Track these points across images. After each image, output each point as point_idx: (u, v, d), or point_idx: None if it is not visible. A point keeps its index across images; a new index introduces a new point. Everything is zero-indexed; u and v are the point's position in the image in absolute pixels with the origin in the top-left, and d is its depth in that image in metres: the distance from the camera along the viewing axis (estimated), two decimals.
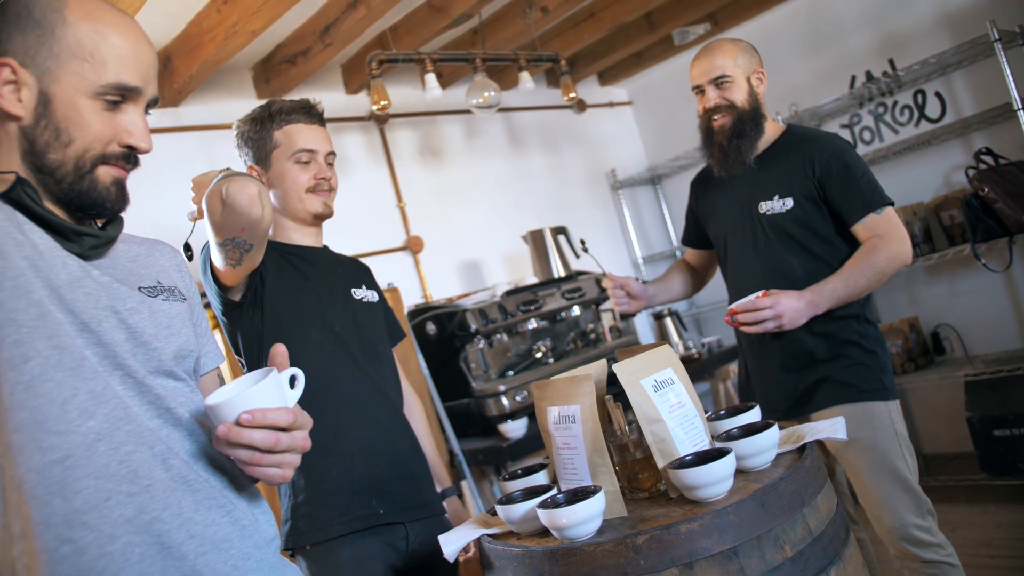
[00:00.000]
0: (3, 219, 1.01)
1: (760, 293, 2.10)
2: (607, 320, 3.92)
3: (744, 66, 2.23)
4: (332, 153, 1.97)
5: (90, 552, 0.97)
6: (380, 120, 3.94)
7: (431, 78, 3.34)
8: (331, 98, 3.82)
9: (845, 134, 4.12)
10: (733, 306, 2.12)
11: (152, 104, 1.14)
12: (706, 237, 2.48)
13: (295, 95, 3.63)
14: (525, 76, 3.65)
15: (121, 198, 1.12)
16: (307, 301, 1.87)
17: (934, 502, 2.16)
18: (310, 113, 1.95)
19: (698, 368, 3.83)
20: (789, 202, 2.17)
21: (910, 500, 2.09)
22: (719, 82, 2.22)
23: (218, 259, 1.66)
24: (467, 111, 3.71)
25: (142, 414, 1.06)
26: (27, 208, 1.04)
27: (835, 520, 1.39)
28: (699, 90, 2.27)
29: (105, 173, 1.09)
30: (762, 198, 2.22)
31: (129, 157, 1.11)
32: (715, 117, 2.24)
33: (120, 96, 1.08)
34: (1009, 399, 3.34)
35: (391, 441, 1.90)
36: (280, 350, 1.12)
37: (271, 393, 1.06)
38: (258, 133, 1.92)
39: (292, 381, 1.12)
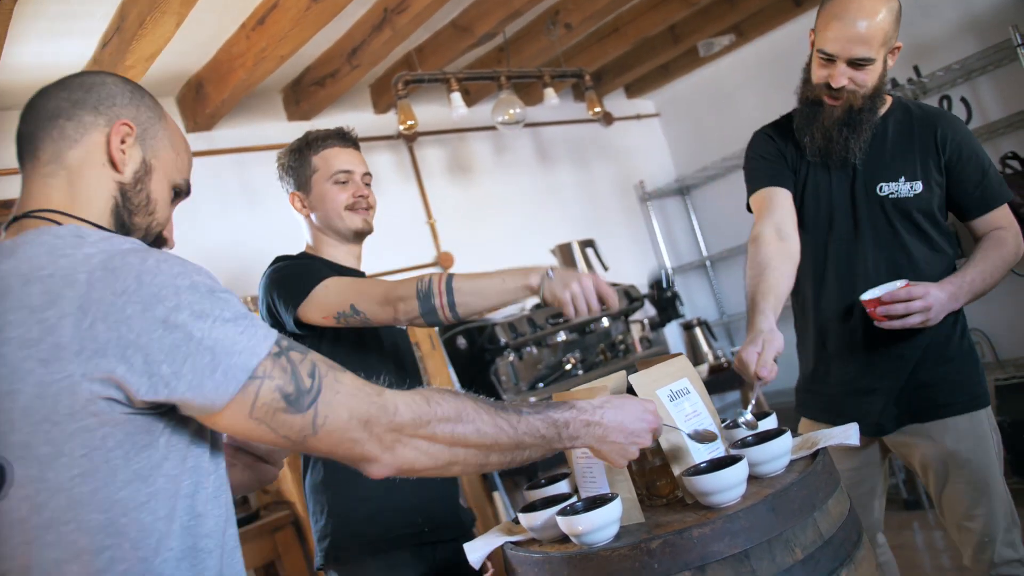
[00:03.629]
0: None
1: (903, 283, 1.83)
2: (636, 331, 3.96)
3: (888, 43, 1.83)
4: (368, 174, 2.07)
5: None
6: (409, 138, 4.03)
7: (456, 97, 3.42)
8: (360, 118, 3.92)
9: None
10: (880, 295, 1.83)
11: None
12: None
13: (324, 116, 3.76)
14: (550, 92, 3.71)
15: None
16: (366, 329, 1.94)
17: None
18: (345, 138, 2.05)
19: (728, 377, 3.85)
20: (919, 186, 1.90)
21: (1002, 514, 1.90)
22: (858, 63, 1.82)
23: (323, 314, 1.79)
24: (495, 127, 3.78)
25: None
26: None
27: (847, 523, 1.42)
28: (828, 58, 1.84)
29: None
30: (884, 179, 1.92)
31: (159, 246, 1.21)
32: (833, 95, 1.88)
33: (178, 193, 1.22)
34: None
35: None
36: None
37: None
38: (298, 161, 2.02)
39: None
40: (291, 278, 1.86)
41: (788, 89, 2.06)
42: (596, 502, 1.36)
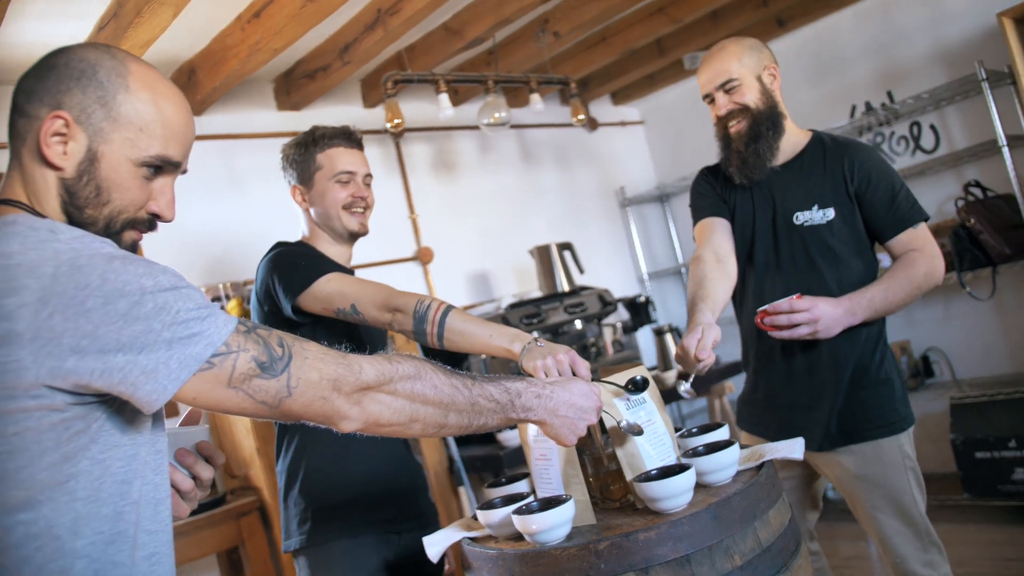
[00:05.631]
0: None
1: (795, 296, 1.98)
2: (609, 334, 4.05)
3: (752, 65, 2.09)
4: (369, 175, 2.15)
5: None
6: (396, 134, 4.10)
7: (444, 98, 3.49)
8: (349, 111, 3.99)
9: None
10: (766, 307, 2.00)
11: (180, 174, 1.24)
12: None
13: (314, 108, 3.82)
14: (536, 98, 3.79)
15: None
16: (353, 327, 2.04)
17: None
18: (350, 139, 2.12)
19: (696, 384, 3.94)
20: (831, 212, 2.06)
21: (913, 534, 2.04)
22: (727, 87, 2.09)
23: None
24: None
25: None
26: None
27: (786, 533, 1.51)
28: (710, 99, 2.15)
29: (128, 236, 1.15)
30: (798, 208, 2.09)
31: (152, 223, 1.18)
32: (730, 123, 2.12)
33: (159, 167, 1.15)
34: (991, 422, 3.47)
35: (411, 453, 2.11)
36: None
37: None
38: (302, 156, 2.09)
39: None
40: (295, 266, 1.94)
41: None
42: (551, 503, 1.45)
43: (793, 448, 1.65)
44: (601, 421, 1.65)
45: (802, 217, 2.09)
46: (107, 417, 1.03)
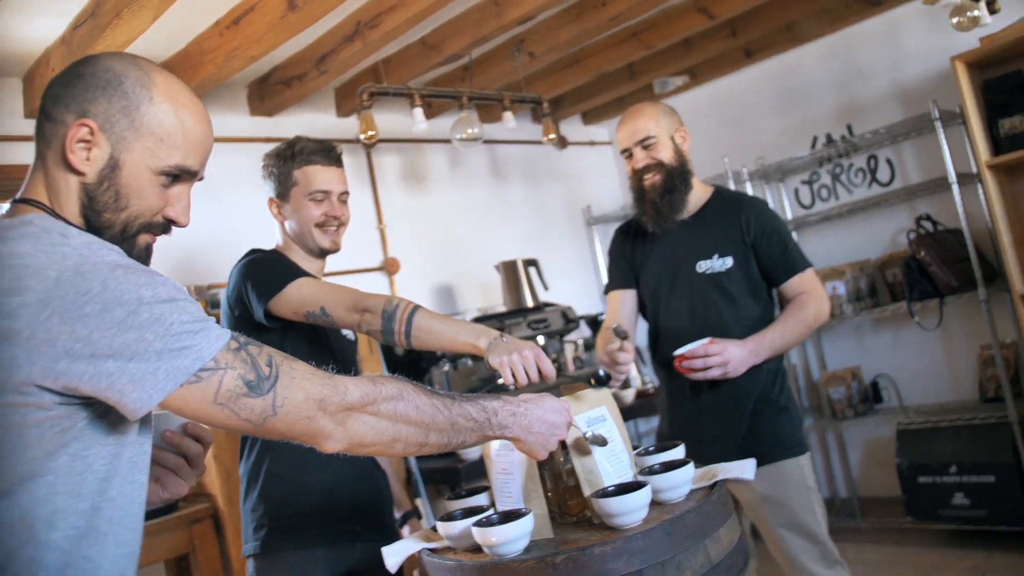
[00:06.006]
0: None
1: (707, 340, 2.20)
2: (570, 350, 4.12)
3: (666, 126, 2.35)
4: (346, 192, 2.16)
5: None
6: (368, 144, 4.13)
7: (418, 112, 3.53)
8: (322, 119, 4.01)
9: (805, 190, 4.39)
10: (682, 351, 2.21)
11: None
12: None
13: (288, 115, 3.84)
14: (508, 115, 3.86)
15: (148, 261, 1.23)
16: (321, 334, 2.06)
17: (865, 543, 2.34)
18: (329, 156, 2.14)
19: (655, 402, 4.02)
20: (729, 261, 2.31)
21: (818, 552, 2.22)
22: (645, 143, 2.33)
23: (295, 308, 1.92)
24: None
25: None
26: None
27: (735, 551, 1.58)
28: (627, 153, 2.39)
29: (142, 239, 1.20)
30: (701, 257, 2.34)
31: (167, 228, 1.22)
32: (645, 177, 2.36)
33: (177, 175, 1.20)
34: (934, 448, 3.61)
35: (375, 464, 2.14)
36: None
37: None
38: (281, 169, 2.11)
39: None
40: (267, 272, 1.97)
41: (733, 131, 2.45)
42: (510, 516, 1.48)
43: (744, 468, 1.72)
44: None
45: (704, 265, 2.34)
46: (94, 416, 1.06)
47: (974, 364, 3.85)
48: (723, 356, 2.18)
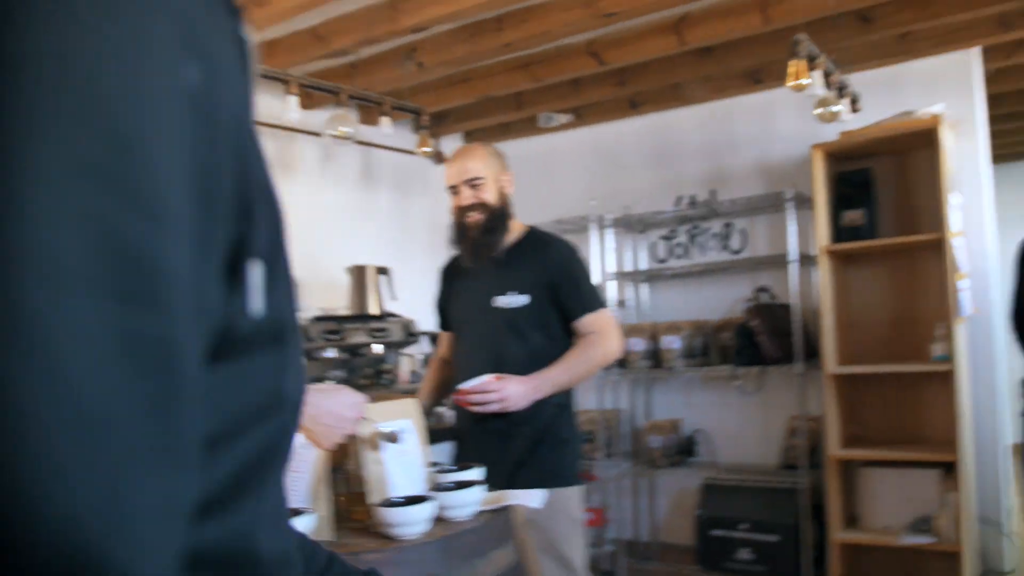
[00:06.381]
0: None
1: (492, 376, 2.33)
2: (407, 363, 4.12)
3: (494, 169, 2.51)
4: None
5: None
6: None
7: (293, 100, 3.49)
8: None
9: (663, 245, 4.58)
10: (464, 386, 2.35)
11: None
12: None
13: None
14: (387, 120, 3.85)
15: None
16: None
17: None
18: None
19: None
20: (525, 299, 2.42)
21: None
22: (473, 183, 2.47)
23: None
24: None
25: None
26: None
27: (507, 574, 1.63)
28: (454, 190, 2.52)
29: None
30: (499, 292, 2.46)
31: None
32: (469, 214, 2.48)
33: None
34: (732, 504, 3.87)
35: None
36: None
37: None
38: None
39: None
40: None
41: (605, 176, 2.56)
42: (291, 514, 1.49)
43: (531, 496, 1.78)
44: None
45: (501, 301, 2.45)
46: None
47: (783, 431, 4.11)
48: (501, 393, 2.30)
